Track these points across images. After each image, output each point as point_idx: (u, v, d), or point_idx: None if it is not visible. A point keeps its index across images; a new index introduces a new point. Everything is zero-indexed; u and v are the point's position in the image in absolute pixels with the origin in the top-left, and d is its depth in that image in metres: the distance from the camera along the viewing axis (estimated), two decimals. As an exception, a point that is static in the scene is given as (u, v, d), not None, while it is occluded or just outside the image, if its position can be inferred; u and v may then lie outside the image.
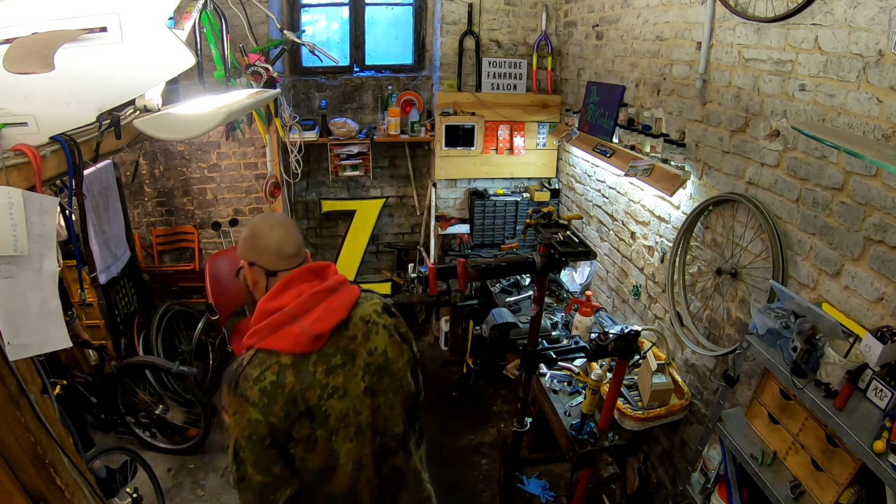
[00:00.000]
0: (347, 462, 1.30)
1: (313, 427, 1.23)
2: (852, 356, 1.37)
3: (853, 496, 1.37)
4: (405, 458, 1.46)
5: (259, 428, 1.17)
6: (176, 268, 4.00)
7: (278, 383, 1.18)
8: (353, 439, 1.30)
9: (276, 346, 1.21)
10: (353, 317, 1.31)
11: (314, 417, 1.22)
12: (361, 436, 1.31)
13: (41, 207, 1.11)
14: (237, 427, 1.19)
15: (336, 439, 1.27)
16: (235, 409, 1.19)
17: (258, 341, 1.22)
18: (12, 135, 1.15)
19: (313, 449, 1.24)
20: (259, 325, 1.23)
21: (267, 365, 1.20)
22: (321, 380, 1.23)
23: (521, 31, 3.84)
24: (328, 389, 1.24)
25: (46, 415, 1.25)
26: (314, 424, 1.23)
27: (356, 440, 1.31)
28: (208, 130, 1.54)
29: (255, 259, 1.33)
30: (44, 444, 1.23)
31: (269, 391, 1.18)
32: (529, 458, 2.97)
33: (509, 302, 3.22)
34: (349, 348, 1.29)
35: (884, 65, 1.45)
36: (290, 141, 3.67)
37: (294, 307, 1.22)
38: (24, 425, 1.18)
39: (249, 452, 1.19)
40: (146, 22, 1.20)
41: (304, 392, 1.21)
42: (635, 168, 2.46)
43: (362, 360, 1.30)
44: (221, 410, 1.22)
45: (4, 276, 1.08)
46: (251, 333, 1.24)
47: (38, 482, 1.24)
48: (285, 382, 1.19)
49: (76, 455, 1.37)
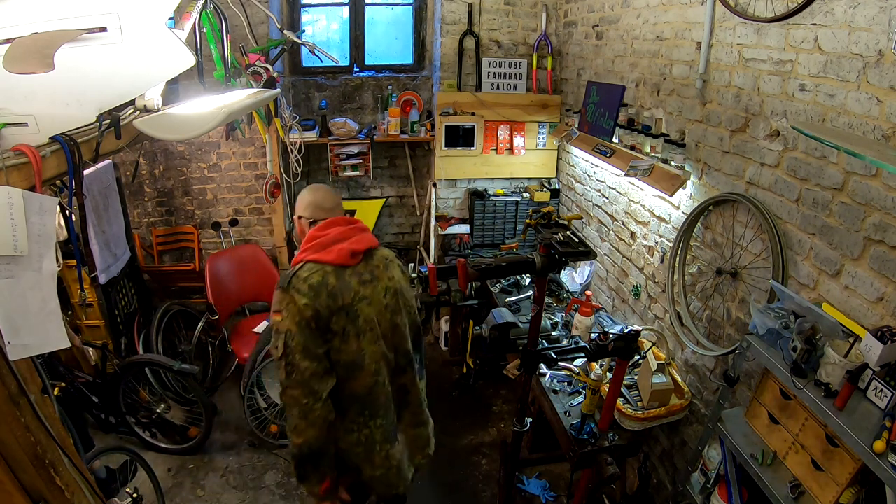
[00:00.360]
0: (371, 363, 1.65)
1: (347, 322, 1.59)
2: (852, 356, 1.37)
3: (853, 496, 1.37)
4: (411, 378, 1.80)
5: (306, 311, 1.52)
6: (176, 268, 4.00)
7: (323, 282, 1.56)
8: (377, 343, 1.66)
9: (322, 258, 1.60)
10: (375, 253, 1.72)
11: (348, 313, 1.59)
12: (382, 343, 1.68)
13: (41, 207, 1.11)
14: (288, 317, 1.53)
15: (363, 339, 1.63)
16: (287, 302, 1.54)
17: (308, 256, 1.61)
18: (12, 135, 1.15)
19: (346, 341, 1.60)
20: (308, 245, 1.63)
21: (314, 270, 1.58)
22: (354, 287, 1.62)
23: (521, 31, 3.84)
24: (360, 295, 1.62)
25: (46, 415, 1.25)
26: (348, 320, 1.59)
27: (378, 345, 1.67)
28: (208, 130, 1.54)
29: (301, 213, 1.75)
30: (44, 444, 1.23)
31: (315, 286, 1.55)
32: (529, 458, 2.97)
33: (509, 302, 3.22)
34: (374, 272, 1.69)
35: (884, 65, 1.45)
36: (290, 141, 3.67)
37: (336, 234, 1.64)
38: (24, 425, 1.18)
39: (299, 338, 1.52)
40: (146, 22, 1.20)
41: (342, 292, 1.59)
42: (635, 168, 2.46)
43: (384, 282, 1.70)
44: (273, 315, 1.57)
45: (4, 276, 1.08)
46: (302, 251, 1.64)
47: (38, 482, 1.24)
48: (328, 282, 1.57)
49: (76, 455, 1.37)
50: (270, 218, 4.06)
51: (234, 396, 3.41)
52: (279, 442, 3.21)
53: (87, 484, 1.40)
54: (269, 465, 3.10)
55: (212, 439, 3.23)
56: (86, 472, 1.42)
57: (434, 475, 3.07)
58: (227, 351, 3.66)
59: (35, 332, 1.15)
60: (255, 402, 3.18)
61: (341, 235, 1.64)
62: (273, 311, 1.59)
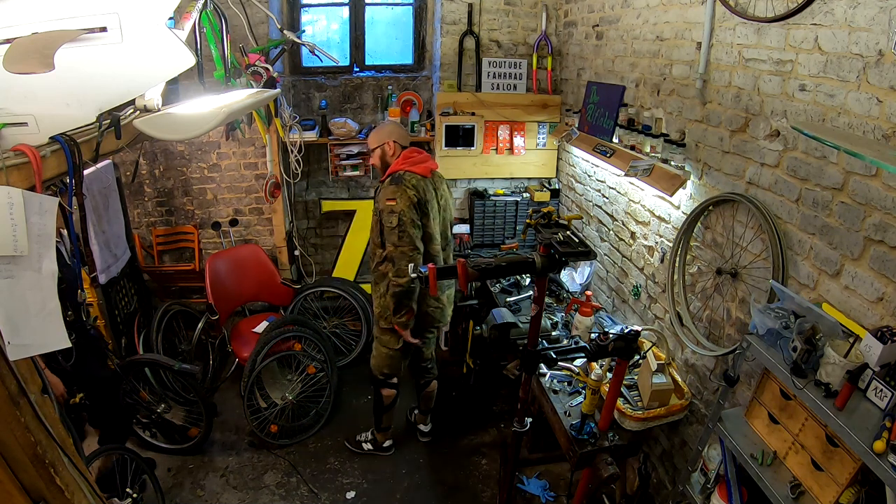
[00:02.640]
0: (437, 235, 2.69)
1: (428, 209, 2.60)
2: (852, 356, 1.37)
3: (853, 496, 1.37)
4: (449, 254, 2.88)
5: (413, 197, 2.52)
6: (176, 268, 4.00)
7: (417, 183, 2.57)
8: (439, 226, 2.71)
9: (416, 170, 2.61)
10: (435, 173, 2.75)
11: (428, 203, 2.60)
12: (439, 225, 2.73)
13: (41, 207, 1.11)
14: (402, 201, 2.49)
15: (434, 222, 2.66)
16: (401, 193, 2.50)
17: (406, 167, 2.60)
18: (12, 135, 1.14)
19: (428, 219, 2.61)
20: (406, 160, 2.63)
21: (411, 175, 2.58)
22: (430, 190, 2.64)
23: (521, 31, 3.84)
24: (431, 195, 2.64)
25: (46, 415, 1.24)
26: (429, 207, 2.60)
27: (438, 227, 2.71)
28: (208, 130, 1.54)
29: (395, 138, 2.72)
30: (44, 444, 1.23)
31: (414, 184, 2.55)
32: (529, 458, 2.97)
33: (509, 302, 3.22)
34: (436, 184, 2.72)
35: (884, 65, 1.45)
36: (290, 141, 3.67)
37: (421, 157, 2.68)
38: (24, 425, 1.18)
39: (409, 214, 2.49)
40: (146, 22, 1.20)
41: (425, 191, 2.60)
42: (635, 168, 2.46)
43: (440, 192, 2.75)
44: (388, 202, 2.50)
45: (4, 276, 1.08)
46: (401, 163, 2.62)
47: (38, 482, 1.24)
48: (418, 184, 2.57)
49: (76, 455, 1.37)
50: (270, 218, 4.06)
51: (234, 396, 3.41)
52: (279, 442, 3.21)
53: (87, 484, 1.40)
54: (269, 465, 3.10)
55: (212, 439, 3.23)
56: (86, 471, 1.42)
57: (434, 475, 3.07)
58: (227, 351, 3.67)
59: (35, 332, 1.15)
60: (255, 402, 3.19)
61: (424, 158, 2.68)
62: (387, 200, 2.50)
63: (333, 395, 3.38)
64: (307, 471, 3.07)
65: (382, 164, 2.74)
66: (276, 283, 3.74)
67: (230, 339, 3.51)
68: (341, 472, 3.08)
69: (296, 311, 3.78)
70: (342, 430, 3.34)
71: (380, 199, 2.58)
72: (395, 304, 2.60)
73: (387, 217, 2.50)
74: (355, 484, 3.00)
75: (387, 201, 2.50)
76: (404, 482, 3.02)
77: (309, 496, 2.92)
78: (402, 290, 2.55)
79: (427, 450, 3.26)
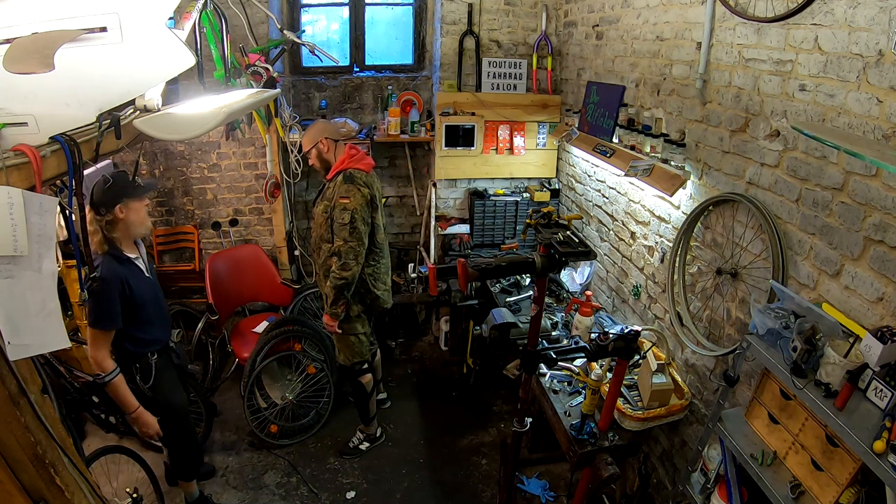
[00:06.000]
0: (382, 227, 2.90)
1: (378, 202, 2.80)
2: (852, 356, 1.37)
3: (853, 496, 1.37)
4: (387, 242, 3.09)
5: (367, 195, 2.70)
6: (176, 268, 4.00)
7: (367, 180, 2.74)
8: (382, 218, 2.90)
9: (360, 167, 2.76)
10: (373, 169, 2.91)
11: (375, 197, 2.79)
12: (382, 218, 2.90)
13: (41, 207, 1.11)
14: (355, 199, 2.65)
15: (378, 214, 2.83)
16: (354, 192, 2.66)
17: (352, 165, 2.74)
18: (12, 135, 1.14)
19: (377, 212, 2.80)
20: (349, 158, 2.77)
21: (361, 173, 2.74)
22: (375, 184, 2.83)
23: (521, 31, 3.84)
24: (377, 189, 2.84)
25: (46, 415, 1.24)
26: (377, 201, 2.80)
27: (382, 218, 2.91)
28: (208, 130, 1.54)
29: (328, 135, 2.80)
30: (44, 444, 1.23)
31: (365, 181, 2.72)
32: (529, 458, 2.97)
33: (509, 302, 3.22)
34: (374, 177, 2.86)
35: (884, 65, 1.45)
36: (290, 141, 3.67)
37: (361, 153, 2.85)
38: (24, 425, 1.18)
39: (361, 212, 2.66)
40: (146, 22, 1.20)
41: (373, 186, 2.79)
42: (635, 168, 2.46)
43: (377, 185, 2.87)
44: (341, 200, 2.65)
45: (4, 276, 1.08)
46: (345, 162, 2.75)
47: (38, 482, 1.24)
48: (367, 180, 2.75)
49: (76, 455, 1.37)
50: (270, 218, 4.06)
51: (234, 396, 3.41)
52: (279, 442, 3.21)
53: (87, 484, 1.40)
54: (269, 465, 3.10)
55: (212, 439, 3.23)
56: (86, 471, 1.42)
57: (434, 475, 3.07)
58: (227, 351, 3.67)
59: (35, 332, 1.15)
60: (255, 402, 3.19)
61: (363, 155, 2.84)
62: (341, 198, 2.65)
63: (333, 395, 3.38)
64: (307, 471, 3.07)
65: (322, 163, 2.84)
66: (275, 283, 3.74)
67: (230, 338, 3.51)
68: (341, 472, 3.08)
69: (296, 311, 3.78)
70: (342, 430, 3.34)
71: (331, 197, 2.71)
72: (334, 296, 2.74)
73: (339, 214, 2.65)
74: (355, 484, 3.00)
75: (340, 199, 2.65)
76: (404, 482, 3.02)
77: (309, 496, 2.92)
78: (345, 283, 2.71)
79: (427, 450, 3.26)
